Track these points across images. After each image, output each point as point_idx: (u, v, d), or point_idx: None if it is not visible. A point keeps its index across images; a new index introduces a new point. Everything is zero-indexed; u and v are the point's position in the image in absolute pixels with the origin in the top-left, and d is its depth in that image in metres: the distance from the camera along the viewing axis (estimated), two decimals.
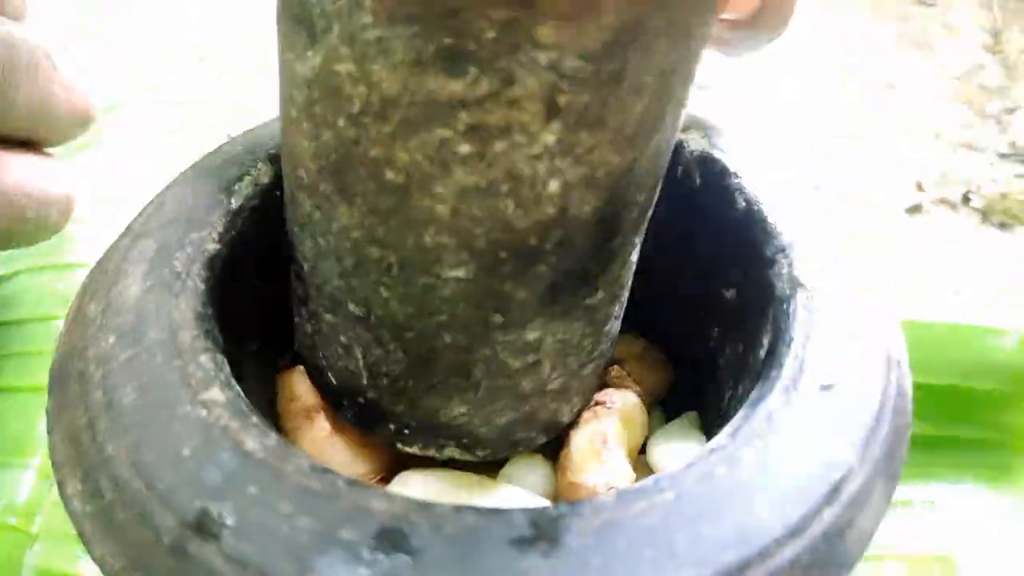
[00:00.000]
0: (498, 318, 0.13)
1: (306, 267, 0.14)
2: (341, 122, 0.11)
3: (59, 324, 0.28)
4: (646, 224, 0.14)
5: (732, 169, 0.17)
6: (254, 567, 0.10)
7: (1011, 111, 0.61)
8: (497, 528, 0.11)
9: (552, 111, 0.10)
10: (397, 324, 0.13)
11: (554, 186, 0.11)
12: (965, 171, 0.56)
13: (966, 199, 0.54)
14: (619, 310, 0.15)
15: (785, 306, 0.14)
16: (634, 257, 0.15)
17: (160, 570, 0.11)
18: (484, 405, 0.14)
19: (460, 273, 0.12)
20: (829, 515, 0.11)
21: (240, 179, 0.16)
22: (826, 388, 0.13)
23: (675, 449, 0.17)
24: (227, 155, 0.17)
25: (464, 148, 0.11)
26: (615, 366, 0.19)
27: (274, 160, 0.17)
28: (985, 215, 0.53)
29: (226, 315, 0.15)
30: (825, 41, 0.65)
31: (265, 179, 0.16)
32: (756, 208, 0.16)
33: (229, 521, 0.11)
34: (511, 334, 0.13)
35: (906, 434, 0.13)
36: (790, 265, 0.15)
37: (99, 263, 0.15)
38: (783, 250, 0.15)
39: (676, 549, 0.11)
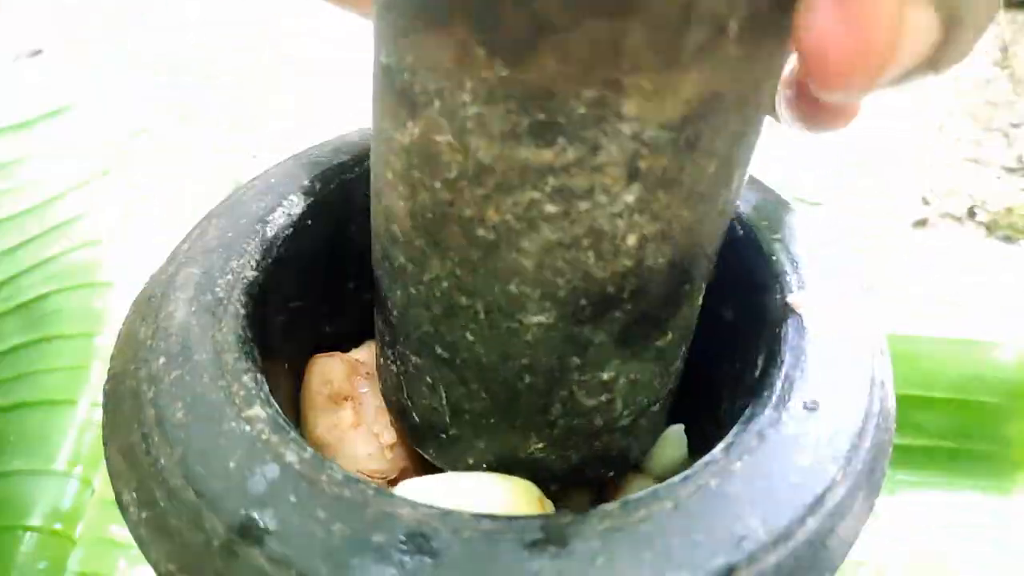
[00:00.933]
0: (576, 360, 0.14)
1: (395, 313, 0.15)
2: (438, 185, 0.12)
3: (98, 340, 0.30)
4: (712, 269, 0.15)
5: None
6: (295, 568, 0.12)
7: (1017, 126, 0.62)
8: (511, 532, 0.12)
9: (633, 174, 0.12)
10: (481, 366, 0.14)
11: (632, 240, 0.12)
12: (971, 185, 0.57)
13: (971, 213, 0.54)
14: (685, 350, 0.16)
15: (777, 330, 0.16)
16: (699, 300, 0.16)
17: (210, 571, 0.12)
18: (559, 442, 0.15)
19: (542, 319, 0.13)
20: (812, 524, 0.13)
21: (273, 210, 0.18)
22: (812, 407, 0.14)
23: (668, 458, 0.18)
24: (260, 188, 0.18)
25: (550, 208, 0.12)
26: None
27: (306, 192, 0.18)
28: (990, 229, 0.53)
29: (261, 333, 0.16)
30: None
31: (297, 210, 0.18)
32: (753, 236, 0.18)
33: (272, 526, 0.12)
34: (587, 374, 0.14)
35: (887, 450, 0.14)
36: (782, 291, 0.16)
37: (145, 289, 0.17)
38: (776, 277, 0.17)
39: (672, 554, 0.12)
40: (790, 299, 0.16)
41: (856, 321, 0.16)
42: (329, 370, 0.19)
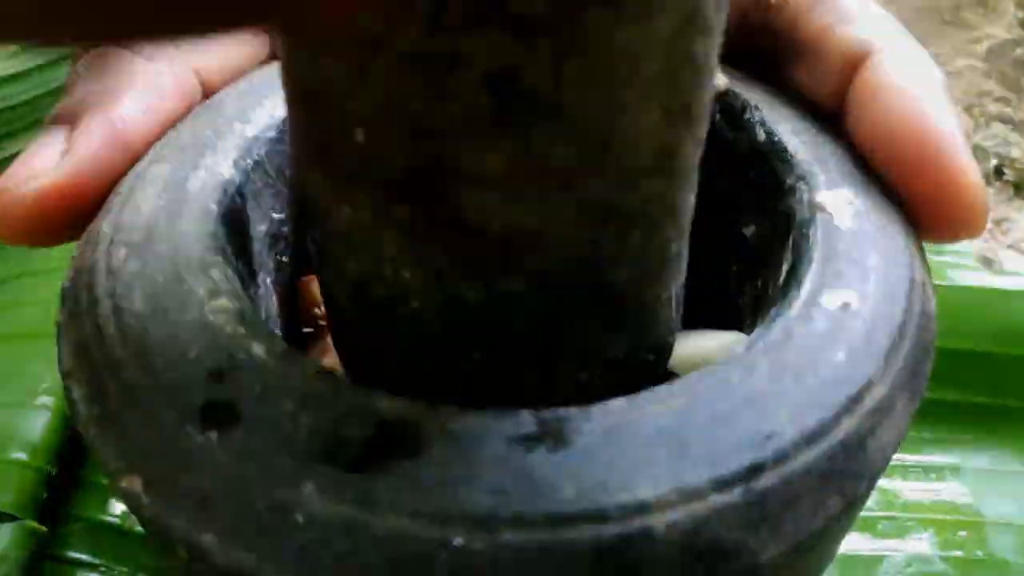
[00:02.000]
0: None
1: None
2: None
3: None
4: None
5: (752, 103, 0.17)
6: (257, 460, 0.10)
7: None
8: (503, 426, 0.10)
9: None
10: None
11: None
12: (998, 144, 0.55)
13: (999, 172, 0.52)
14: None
15: (805, 230, 0.14)
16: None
17: (165, 464, 0.10)
18: None
19: None
20: (848, 424, 0.11)
21: (254, 110, 0.16)
22: (846, 305, 0.12)
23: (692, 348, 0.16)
24: (242, 89, 0.17)
25: None
26: None
27: None
28: (1018, 188, 0.51)
29: (241, 240, 0.15)
30: None
31: (280, 112, 0.16)
32: (776, 139, 0.16)
33: (234, 416, 0.10)
34: None
35: (930, 354, 0.13)
36: (810, 190, 0.15)
37: (115, 187, 0.15)
38: (803, 177, 0.15)
39: (689, 450, 0.10)
40: (818, 198, 0.14)
41: (891, 220, 0.14)
42: (316, 292, 0.18)
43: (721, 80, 0.17)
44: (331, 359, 0.17)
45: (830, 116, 0.16)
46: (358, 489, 0.10)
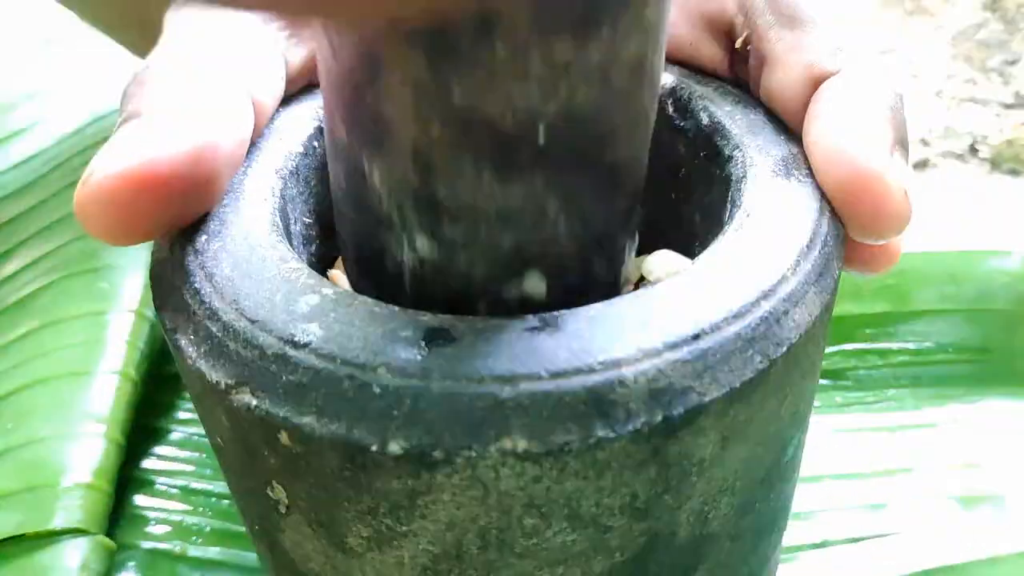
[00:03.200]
0: None
1: None
2: None
3: (109, 315, 0.34)
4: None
5: (697, 94, 0.22)
6: (339, 357, 0.15)
7: (1013, 63, 0.66)
8: (516, 324, 0.15)
9: None
10: None
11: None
12: (970, 124, 0.61)
13: (973, 150, 0.58)
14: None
15: (739, 185, 0.19)
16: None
17: (267, 374, 0.15)
18: None
19: None
20: (767, 306, 0.16)
21: (290, 128, 0.22)
22: (766, 229, 0.18)
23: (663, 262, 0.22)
24: (279, 116, 0.22)
25: None
26: None
27: (315, 118, 0.22)
28: (994, 163, 0.57)
29: (287, 233, 0.20)
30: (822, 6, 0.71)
31: (307, 131, 0.22)
32: (717, 119, 0.22)
33: (317, 333, 0.15)
34: None
35: (835, 260, 0.18)
36: (744, 155, 0.20)
37: None
38: (738, 147, 0.20)
39: (649, 326, 0.15)
40: (749, 160, 0.20)
41: (808, 173, 0.19)
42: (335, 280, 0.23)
43: (670, 78, 0.23)
44: None
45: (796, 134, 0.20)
46: (416, 366, 0.15)
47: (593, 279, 0.18)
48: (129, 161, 0.16)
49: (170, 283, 0.18)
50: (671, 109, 0.23)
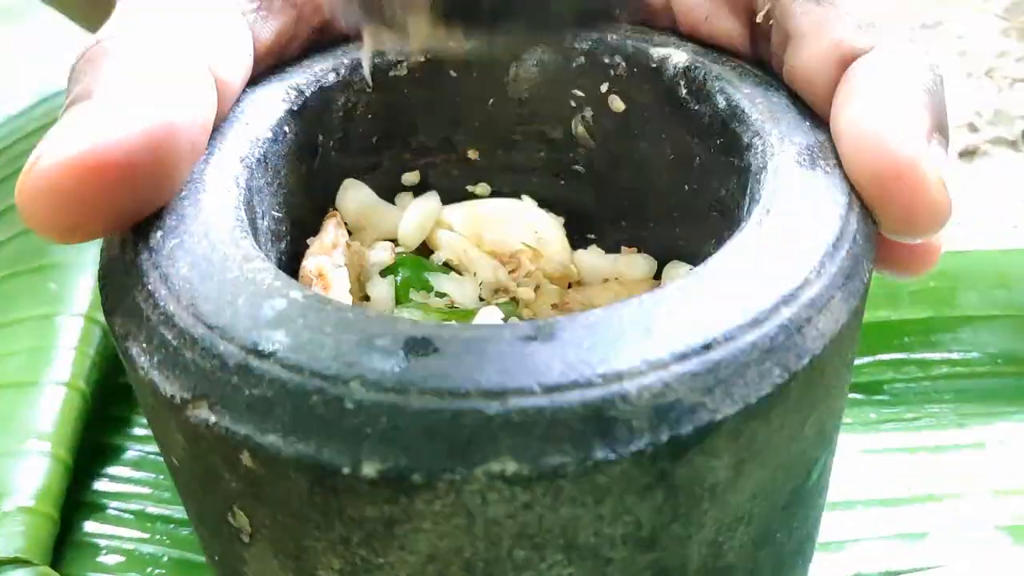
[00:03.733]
0: None
1: None
2: None
3: (56, 321, 0.34)
4: None
5: (713, 75, 0.22)
6: (308, 369, 0.15)
7: None
8: (506, 332, 0.15)
9: None
10: None
11: None
12: (1022, 107, 0.61)
13: None
14: None
15: (759, 176, 0.19)
16: None
17: (227, 387, 0.15)
18: None
19: None
20: (787, 313, 0.16)
21: (256, 110, 0.22)
22: (786, 226, 0.18)
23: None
24: (243, 100, 0.22)
25: None
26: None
27: (284, 100, 0.22)
28: None
29: (253, 228, 0.20)
30: None
31: (276, 115, 0.22)
32: (735, 103, 0.22)
33: (283, 341, 0.15)
34: None
35: (864, 262, 0.18)
36: (764, 144, 0.20)
37: None
38: (759, 134, 0.20)
39: (654, 335, 0.15)
40: (771, 149, 0.20)
41: (832, 160, 0.19)
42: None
43: (683, 56, 0.23)
44: None
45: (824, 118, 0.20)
46: (394, 379, 0.15)
47: None
48: (77, 147, 0.16)
49: (121, 285, 0.18)
50: (684, 91, 0.23)
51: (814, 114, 0.21)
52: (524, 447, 0.14)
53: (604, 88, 0.25)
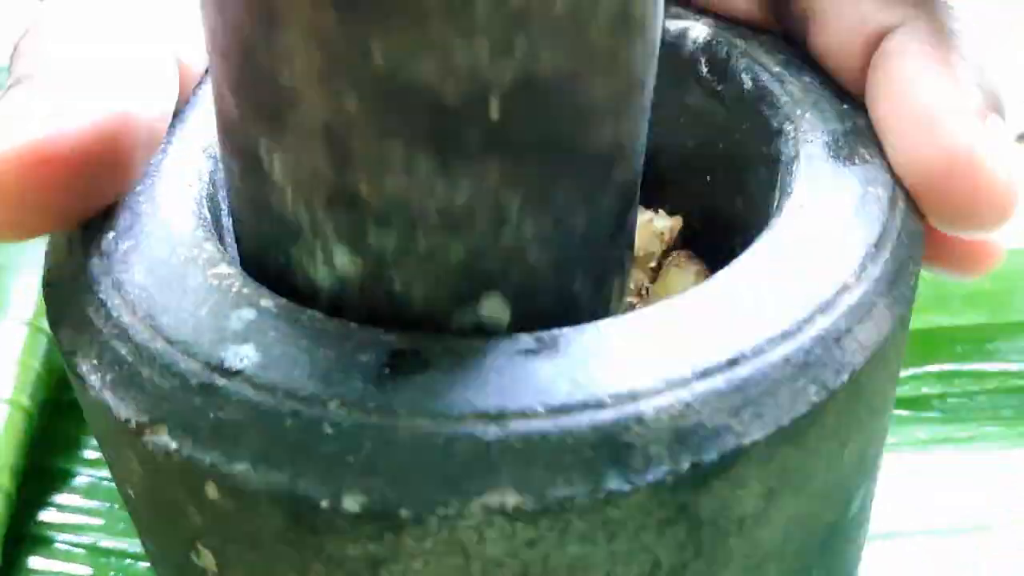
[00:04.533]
0: None
1: None
2: None
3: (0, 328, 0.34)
4: None
5: (738, 51, 0.22)
6: (281, 389, 0.15)
7: None
8: (504, 345, 0.15)
9: None
10: None
11: None
12: None
13: None
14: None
15: (791, 167, 0.19)
16: None
17: (189, 410, 0.15)
18: None
19: None
20: (823, 322, 0.16)
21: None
22: (823, 222, 0.18)
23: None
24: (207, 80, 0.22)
25: None
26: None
27: None
28: None
29: (217, 227, 0.20)
30: None
31: None
32: (762, 84, 0.22)
33: (254, 357, 0.15)
34: None
35: (911, 264, 0.18)
36: (796, 130, 0.20)
37: None
38: (789, 118, 0.21)
39: (674, 348, 0.15)
40: (803, 135, 0.20)
41: (876, 151, 0.19)
42: None
43: (704, 30, 0.23)
44: None
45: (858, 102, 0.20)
46: (379, 400, 0.15)
47: (574, 302, 0.18)
48: (19, 136, 0.16)
49: (68, 293, 0.18)
50: (705, 69, 0.23)
51: (851, 95, 0.21)
52: (527, 477, 0.14)
53: None
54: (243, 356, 0.15)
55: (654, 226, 0.25)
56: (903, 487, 0.33)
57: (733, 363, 0.15)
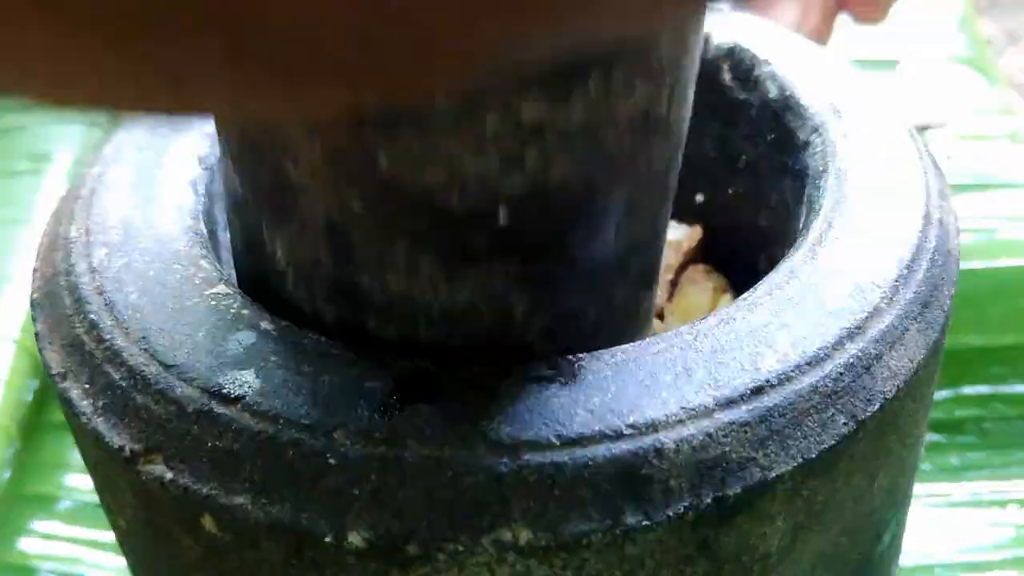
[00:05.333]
0: None
1: None
2: None
3: None
4: None
5: (762, 58, 0.23)
6: (282, 417, 0.15)
7: None
8: (517, 370, 0.16)
9: None
10: None
11: None
12: None
13: None
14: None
15: (818, 181, 0.20)
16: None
17: (186, 438, 0.15)
18: None
19: None
20: (852, 349, 0.16)
21: None
22: (851, 245, 0.18)
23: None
24: None
25: None
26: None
27: None
28: None
29: (213, 240, 0.20)
30: None
31: None
32: (788, 93, 0.22)
33: (254, 384, 0.15)
34: None
35: (945, 287, 0.18)
36: (824, 143, 0.20)
37: (69, 192, 0.21)
38: (817, 130, 0.21)
39: (694, 376, 0.15)
40: (831, 149, 0.20)
41: (909, 163, 0.20)
42: None
43: (727, 34, 0.23)
44: None
45: None
46: (386, 429, 0.15)
47: None
48: None
49: (58, 313, 0.18)
50: (728, 76, 0.23)
51: (889, 104, 0.21)
52: (540, 512, 0.14)
53: None
54: (243, 382, 0.16)
55: (669, 237, 0.25)
56: (937, 516, 0.33)
57: (758, 392, 0.15)
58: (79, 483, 0.35)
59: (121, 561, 0.32)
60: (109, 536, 0.33)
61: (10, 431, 0.33)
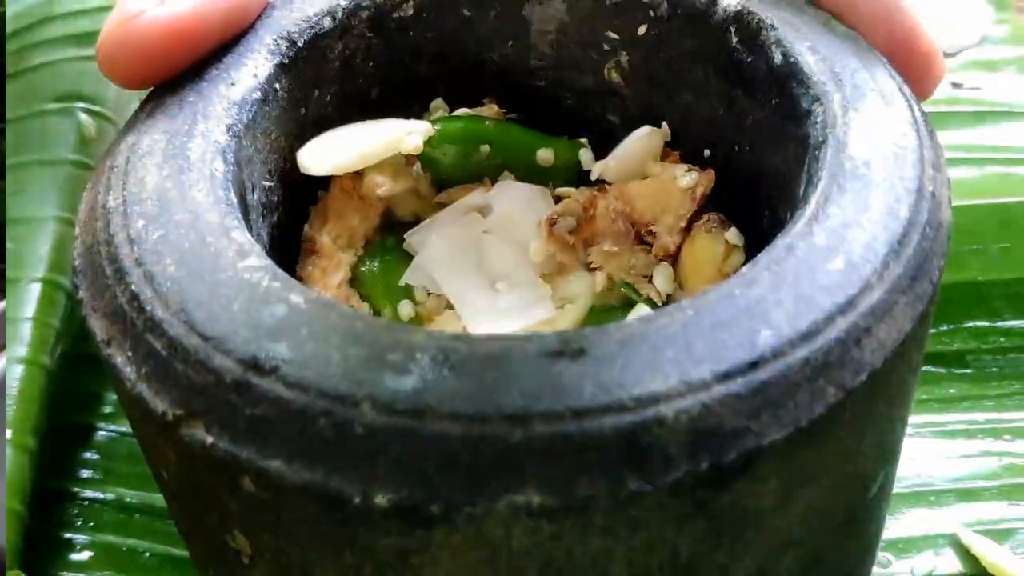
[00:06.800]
0: None
1: None
2: None
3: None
4: None
5: (768, 22, 0.23)
6: (313, 388, 0.16)
7: None
8: (529, 346, 0.17)
9: None
10: None
11: None
12: None
13: None
14: None
15: (818, 152, 0.20)
16: None
17: (225, 405, 0.17)
18: None
19: None
20: (843, 324, 0.17)
21: (238, 68, 0.23)
22: (846, 219, 0.19)
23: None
24: (222, 53, 0.23)
25: None
26: None
27: (273, 53, 0.23)
28: None
29: (244, 206, 0.21)
30: None
31: (264, 71, 0.23)
32: (792, 59, 0.22)
33: (286, 356, 0.17)
34: None
35: (935, 259, 0.19)
36: (825, 112, 0.21)
37: (104, 161, 0.21)
38: (819, 99, 0.21)
39: (694, 351, 0.17)
40: (831, 120, 0.21)
41: (904, 136, 0.20)
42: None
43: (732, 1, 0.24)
44: None
45: None
46: (409, 401, 0.16)
47: None
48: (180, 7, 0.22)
49: (100, 282, 0.19)
50: (735, 39, 0.24)
51: (890, 74, 0.22)
52: (551, 477, 0.16)
53: (642, 30, 0.25)
54: (276, 354, 0.17)
55: (680, 183, 0.26)
56: (932, 446, 0.34)
57: (753, 366, 0.17)
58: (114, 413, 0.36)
59: (154, 487, 0.34)
60: (143, 465, 0.35)
61: (48, 368, 0.34)
